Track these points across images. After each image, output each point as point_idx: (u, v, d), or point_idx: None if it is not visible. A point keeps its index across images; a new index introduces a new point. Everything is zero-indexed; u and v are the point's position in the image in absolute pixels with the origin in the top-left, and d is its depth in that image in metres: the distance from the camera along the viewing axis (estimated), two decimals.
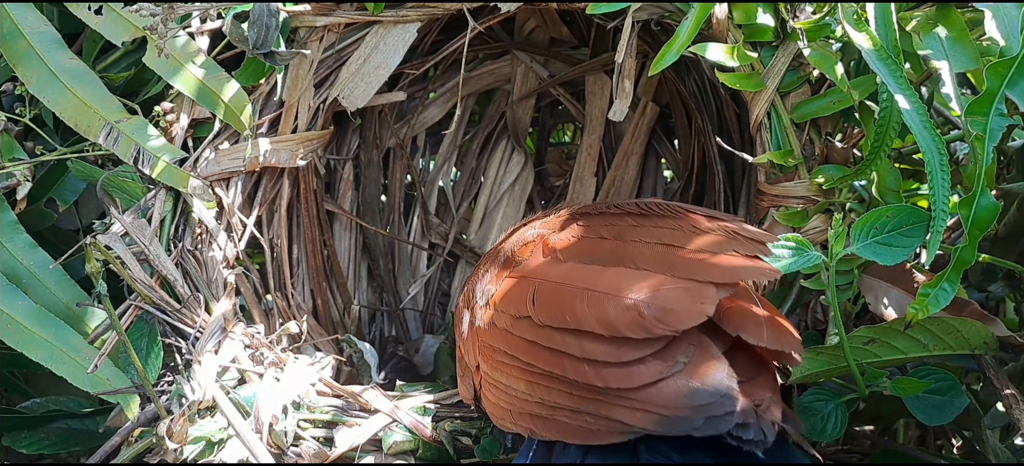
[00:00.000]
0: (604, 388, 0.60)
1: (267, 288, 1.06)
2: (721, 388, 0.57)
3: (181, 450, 0.76)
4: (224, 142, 0.94)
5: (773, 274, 0.65)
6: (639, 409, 0.58)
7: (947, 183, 0.70)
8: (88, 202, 1.02)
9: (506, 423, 0.70)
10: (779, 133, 0.86)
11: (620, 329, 0.60)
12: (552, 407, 0.64)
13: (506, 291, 0.72)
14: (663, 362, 0.59)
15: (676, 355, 0.59)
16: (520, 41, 1.26)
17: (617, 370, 0.60)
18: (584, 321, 0.62)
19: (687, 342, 0.59)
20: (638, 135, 1.27)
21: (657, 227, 0.73)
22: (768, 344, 0.61)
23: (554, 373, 0.63)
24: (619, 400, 0.60)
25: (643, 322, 0.59)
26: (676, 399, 0.57)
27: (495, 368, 0.71)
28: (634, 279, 0.64)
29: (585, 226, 0.76)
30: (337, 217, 1.23)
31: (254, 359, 0.85)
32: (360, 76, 1.01)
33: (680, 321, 0.59)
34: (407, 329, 1.33)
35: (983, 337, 0.75)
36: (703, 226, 0.71)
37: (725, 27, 0.83)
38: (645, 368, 0.59)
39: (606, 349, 0.60)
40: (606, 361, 0.60)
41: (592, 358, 0.61)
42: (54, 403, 0.94)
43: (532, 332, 0.66)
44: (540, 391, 0.65)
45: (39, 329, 0.84)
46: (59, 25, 0.91)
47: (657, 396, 0.58)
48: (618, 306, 0.61)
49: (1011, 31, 0.71)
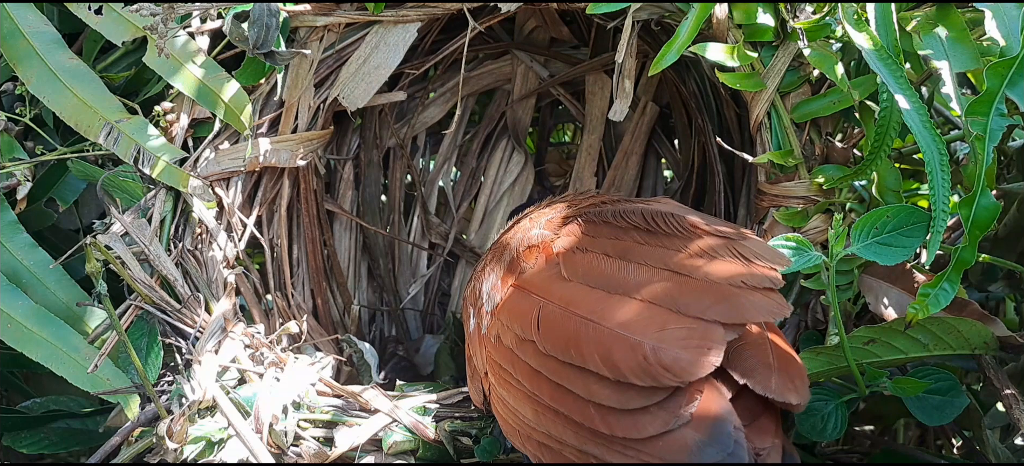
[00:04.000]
0: (610, 434, 0.59)
1: (267, 288, 1.06)
2: (727, 444, 0.56)
3: (181, 450, 0.76)
4: (224, 142, 0.94)
5: (784, 313, 0.63)
6: (645, 462, 0.58)
7: (947, 183, 0.70)
8: (88, 202, 1.03)
9: (515, 440, 0.70)
10: (779, 133, 0.86)
11: (626, 374, 0.59)
12: (559, 441, 0.64)
13: (511, 305, 0.71)
14: (669, 412, 0.58)
15: (682, 406, 0.58)
16: (520, 41, 1.26)
17: (623, 418, 0.59)
18: (590, 360, 0.61)
19: (694, 390, 0.58)
20: (638, 135, 1.27)
21: (664, 246, 0.70)
22: (775, 395, 0.59)
23: (560, 410, 0.63)
24: (625, 448, 0.59)
25: (649, 369, 0.58)
26: (682, 453, 0.57)
27: (502, 385, 0.70)
28: (640, 317, 0.62)
29: (590, 236, 0.75)
30: (337, 217, 1.23)
31: (254, 359, 0.85)
32: (360, 76, 1.01)
33: (686, 373, 0.58)
34: (407, 329, 1.33)
35: (983, 337, 0.75)
36: (711, 248, 0.69)
37: (725, 27, 0.83)
38: (650, 418, 0.58)
39: (611, 394, 0.60)
40: (611, 406, 0.60)
41: (597, 401, 0.60)
42: (54, 403, 0.94)
43: (537, 360, 0.65)
44: (546, 423, 0.64)
45: (39, 329, 0.84)
46: (59, 25, 0.91)
47: (664, 449, 0.57)
48: (623, 347, 0.60)
49: (1011, 31, 0.71)
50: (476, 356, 0.77)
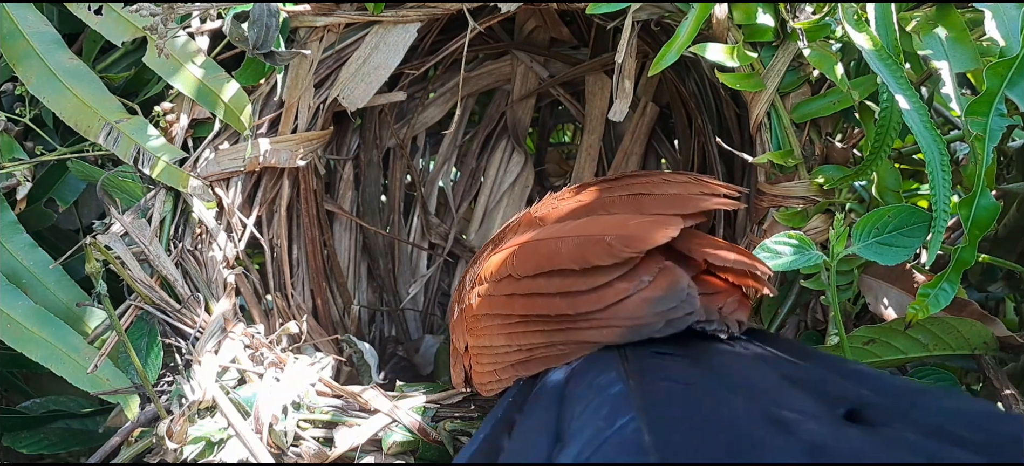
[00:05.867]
0: (575, 314, 0.64)
1: (267, 288, 1.05)
2: (681, 294, 0.60)
3: (181, 450, 0.76)
4: (224, 142, 0.94)
5: (736, 206, 0.71)
6: (606, 326, 0.62)
7: (948, 183, 0.70)
8: (88, 202, 1.02)
9: (492, 386, 0.72)
10: (779, 133, 0.86)
11: (591, 260, 0.63)
12: (529, 350, 0.67)
13: (489, 264, 0.75)
14: (629, 282, 0.63)
15: (641, 275, 0.63)
16: (520, 41, 1.26)
17: (587, 295, 0.63)
18: (557, 260, 0.66)
19: (654, 265, 0.63)
20: (638, 135, 1.27)
21: (630, 183, 0.78)
22: (734, 265, 0.65)
23: (530, 316, 0.67)
24: (587, 322, 0.63)
25: (611, 249, 0.63)
26: (639, 310, 0.61)
27: (480, 337, 0.73)
28: (607, 221, 0.69)
29: (564, 196, 0.81)
30: (337, 217, 1.23)
31: (254, 359, 0.84)
32: (360, 76, 1.01)
33: (644, 243, 0.63)
34: (407, 329, 1.33)
35: (983, 337, 0.75)
36: (673, 178, 0.77)
37: (725, 27, 0.83)
38: (612, 289, 0.63)
39: (577, 280, 0.64)
40: (577, 290, 0.64)
41: (564, 291, 0.65)
42: (54, 403, 0.94)
43: (511, 286, 0.70)
44: (517, 339, 0.68)
45: (39, 329, 0.84)
46: (59, 25, 0.91)
47: (622, 310, 0.62)
48: (591, 243, 0.65)
49: (1011, 31, 0.71)
50: (457, 338, 0.79)
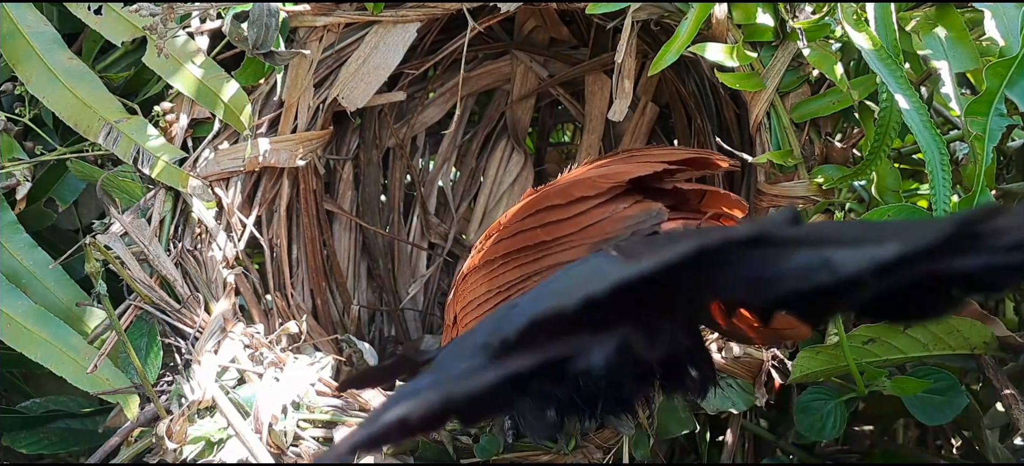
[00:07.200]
0: (551, 240, 0.66)
1: (267, 288, 1.05)
2: (652, 213, 0.63)
3: (181, 450, 0.76)
4: (224, 142, 0.94)
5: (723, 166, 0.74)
6: (577, 246, 0.64)
7: (948, 183, 0.70)
8: (88, 202, 1.02)
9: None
10: (779, 133, 0.86)
11: (575, 194, 0.66)
12: (507, 290, 0.69)
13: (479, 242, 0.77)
14: (608, 206, 0.65)
15: (618, 203, 0.65)
16: (520, 41, 1.26)
17: (566, 223, 0.66)
18: (544, 201, 0.69)
19: (632, 198, 0.66)
20: (638, 135, 1.27)
21: (619, 153, 0.81)
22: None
23: (510, 252, 0.69)
24: (561, 246, 0.65)
25: (594, 183, 0.66)
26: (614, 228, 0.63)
27: (466, 296, 0.74)
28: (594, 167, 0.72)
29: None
30: (337, 217, 1.23)
31: (254, 359, 0.84)
32: (360, 76, 1.01)
33: (624, 176, 0.66)
34: (407, 329, 1.33)
35: (983, 337, 0.75)
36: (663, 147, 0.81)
37: (725, 27, 0.83)
38: (589, 215, 0.65)
39: (560, 212, 0.67)
40: (558, 219, 0.66)
41: (546, 222, 0.67)
42: (54, 403, 0.94)
43: (498, 236, 0.72)
44: (498, 281, 0.70)
45: (39, 329, 0.84)
46: (59, 25, 0.91)
47: (595, 231, 0.64)
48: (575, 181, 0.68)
49: (1011, 31, 0.71)
50: (448, 314, 0.80)
